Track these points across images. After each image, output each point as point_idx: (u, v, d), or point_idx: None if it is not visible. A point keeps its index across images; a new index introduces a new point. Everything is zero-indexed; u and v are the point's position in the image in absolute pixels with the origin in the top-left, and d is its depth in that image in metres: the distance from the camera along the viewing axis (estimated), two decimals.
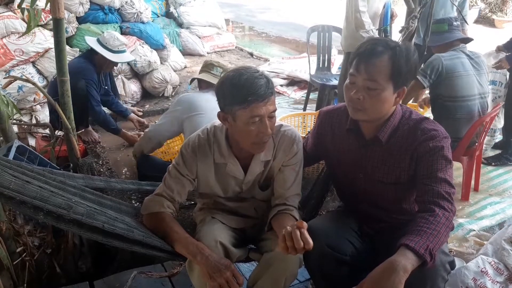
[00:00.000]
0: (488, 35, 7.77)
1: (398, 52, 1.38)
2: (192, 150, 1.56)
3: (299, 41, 7.41)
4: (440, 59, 2.61)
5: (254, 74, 1.40)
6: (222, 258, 1.42)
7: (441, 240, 1.26)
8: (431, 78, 2.62)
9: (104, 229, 1.34)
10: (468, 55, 2.70)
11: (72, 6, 4.11)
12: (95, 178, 1.80)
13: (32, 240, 1.93)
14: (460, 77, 2.61)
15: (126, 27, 4.56)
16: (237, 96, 1.38)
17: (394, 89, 1.40)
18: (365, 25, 3.32)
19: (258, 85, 1.38)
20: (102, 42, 3.25)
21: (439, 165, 1.41)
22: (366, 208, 1.64)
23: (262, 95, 1.38)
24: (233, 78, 1.40)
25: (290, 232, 1.24)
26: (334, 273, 1.54)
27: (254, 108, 1.38)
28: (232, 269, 1.40)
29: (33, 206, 1.22)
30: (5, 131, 2.02)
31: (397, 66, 1.37)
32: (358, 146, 1.57)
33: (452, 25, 2.74)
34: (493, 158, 3.39)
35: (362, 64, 1.39)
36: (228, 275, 1.37)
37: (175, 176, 1.58)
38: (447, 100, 2.65)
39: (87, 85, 3.08)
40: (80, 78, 3.02)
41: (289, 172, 1.60)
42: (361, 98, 1.40)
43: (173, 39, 5.63)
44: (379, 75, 1.37)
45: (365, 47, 1.41)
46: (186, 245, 1.46)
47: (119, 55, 3.30)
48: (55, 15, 2.06)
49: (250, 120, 1.40)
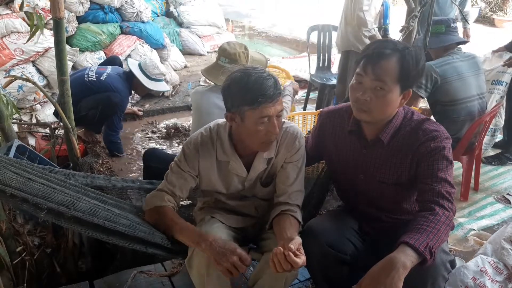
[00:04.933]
0: (488, 34, 7.76)
1: (407, 54, 1.38)
2: (194, 148, 1.57)
3: (299, 40, 7.40)
4: (432, 67, 2.59)
5: (262, 74, 1.41)
6: (227, 243, 1.41)
7: (441, 238, 1.26)
8: (428, 87, 2.61)
9: (105, 226, 1.34)
10: (462, 57, 2.67)
11: (72, 5, 4.11)
12: (95, 177, 1.80)
13: (32, 239, 1.93)
14: (454, 81, 2.59)
15: (126, 26, 4.57)
16: (246, 97, 1.39)
17: (400, 91, 1.41)
18: (368, 24, 3.32)
19: (267, 86, 1.38)
20: (142, 67, 3.36)
21: (440, 165, 1.41)
22: (366, 208, 1.65)
23: (271, 96, 1.39)
24: (241, 79, 1.41)
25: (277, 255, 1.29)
26: (335, 272, 1.54)
27: (263, 108, 1.39)
28: (238, 253, 1.37)
29: (34, 203, 1.22)
30: (5, 130, 2.02)
31: (406, 69, 1.38)
32: (359, 147, 1.57)
33: (450, 27, 2.71)
34: (493, 158, 3.38)
35: (369, 65, 1.39)
36: (235, 259, 1.35)
37: (177, 171, 1.59)
38: (446, 105, 2.64)
39: (121, 104, 3.19)
40: (119, 95, 3.16)
41: (292, 169, 1.60)
42: (368, 99, 1.41)
43: (173, 39, 5.63)
44: (387, 76, 1.38)
45: (373, 48, 1.41)
46: (189, 235, 1.46)
47: (155, 83, 3.43)
48: (55, 15, 2.06)
49: (259, 120, 1.41)
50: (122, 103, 3.21)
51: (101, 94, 3.09)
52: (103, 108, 3.09)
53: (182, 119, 4.11)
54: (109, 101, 3.09)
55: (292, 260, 1.27)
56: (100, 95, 3.08)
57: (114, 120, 3.19)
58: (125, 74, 3.35)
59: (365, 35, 3.33)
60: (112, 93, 3.12)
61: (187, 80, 5.05)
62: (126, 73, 3.37)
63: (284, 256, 1.27)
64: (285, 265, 1.28)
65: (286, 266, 1.28)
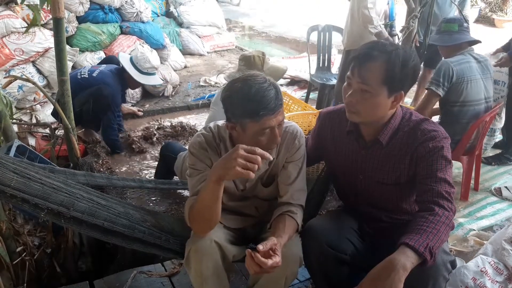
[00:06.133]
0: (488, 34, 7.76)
1: (394, 56, 1.37)
2: (200, 147, 1.54)
3: (299, 40, 7.40)
4: (450, 65, 2.56)
5: (263, 85, 1.37)
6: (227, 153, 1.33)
7: (441, 239, 1.26)
8: (445, 85, 2.56)
9: (104, 226, 1.34)
10: (476, 58, 2.66)
11: (72, 5, 4.11)
12: (96, 176, 1.80)
13: (32, 239, 1.93)
14: (469, 82, 2.58)
15: (126, 26, 4.57)
16: (247, 110, 1.37)
17: (389, 93, 1.40)
18: (373, 21, 3.33)
19: (268, 98, 1.36)
20: (133, 61, 3.33)
21: (439, 165, 1.41)
22: (366, 208, 1.64)
23: (273, 108, 1.37)
24: (241, 90, 1.38)
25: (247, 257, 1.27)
26: (334, 272, 1.54)
27: (265, 121, 1.37)
28: (240, 147, 1.26)
29: (34, 203, 1.22)
30: (5, 130, 2.02)
31: (391, 71, 1.37)
32: (358, 148, 1.57)
33: (463, 26, 2.70)
34: (493, 158, 3.38)
35: (356, 68, 1.40)
36: (240, 153, 1.25)
37: (195, 174, 1.53)
38: (454, 105, 2.63)
39: (112, 99, 3.14)
40: (109, 88, 3.12)
41: (293, 168, 1.60)
42: (353, 101, 1.41)
43: (173, 39, 5.63)
44: (372, 79, 1.37)
45: (361, 51, 1.41)
46: (205, 186, 1.37)
47: (147, 77, 3.40)
48: (55, 15, 2.06)
49: (261, 131, 1.40)
50: (113, 96, 3.15)
51: (91, 88, 3.07)
52: (95, 101, 3.04)
53: (180, 119, 4.09)
54: (100, 93, 3.05)
55: (260, 261, 1.24)
56: (90, 89, 3.07)
57: (109, 116, 3.16)
58: (117, 70, 3.33)
59: (371, 32, 3.34)
60: (102, 85, 3.09)
61: (187, 80, 5.04)
62: (118, 69, 3.35)
63: (252, 257, 1.25)
64: (254, 266, 1.25)
65: (256, 267, 1.25)
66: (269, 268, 1.26)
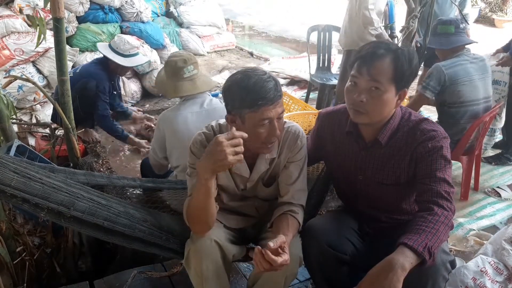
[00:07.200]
0: (488, 34, 7.76)
1: (401, 54, 1.39)
2: (201, 145, 1.54)
3: (299, 40, 7.41)
4: (441, 69, 2.57)
5: (262, 77, 1.39)
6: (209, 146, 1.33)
7: (440, 239, 1.26)
8: (436, 89, 2.59)
9: (105, 226, 1.34)
10: (471, 59, 2.66)
11: (72, 5, 4.11)
12: (96, 175, 1.80)
13: (32, 239, 1.93)
14: (463, 84, 2.58)
15: (126, 26, 4.57)
16: (246, 100, 1.38)
17: (396, 91, 1.41)
18: (374, 22, 3.31)
19: (267, 88, 1.37)
20: (113, 47, 3.26)
21: (438, 164, 1.41)
22: (366, 208, 1.65)
23: (271, 98, 1.38)
24: (241, 81, 1.39)
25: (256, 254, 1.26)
26: (334, 272, 1.54)
27: (264, 111, 1.38)
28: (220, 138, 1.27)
29: (34, 203, 1.22)
30: (5, 130, 2.02)
31: (400, 68, 1.38)
32: (358, 149, 1.57)
33: (459, 28, 2.70)
34: (493, 158, 3.38)
35: (364, 66, 1.39)
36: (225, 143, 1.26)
37: (196, 174, 1.49)
38: (452, 106, 2.63)
39: (97, 86, 3.11)
40: (91, 79, 3.09)
41: (294, 168, 1.60)
42: (364, 101, 1.41)
43: (173, 39, 5.63)
44: (382, 76, 1.38)
45: (367, 49, 1.41)
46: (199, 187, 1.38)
47: (131, 59, 3.32)
48: (55, 15, 2.06)
49: (260, 122, 1.40)
50: (98, 84, 3.12)
51: (75, 85, 3.06)
52: (81, 96, 3.00)
53: None
54: (84, 87, 3.03)
55: (270, 259, 1.24)
56: (74, 87, 3.06)
57: (100, 105, 3.14)
58: (99, 60, 3.32)
59: (371, 34, 3.32)
60: (84, 79, 3.07)
61: None
62: (100, 58, 3.33)
63: (262, 255, 1.24)
64: (264, 264, 1.24)
65: (266, 265, 1.24)
66: (278, 266, 1.25)
